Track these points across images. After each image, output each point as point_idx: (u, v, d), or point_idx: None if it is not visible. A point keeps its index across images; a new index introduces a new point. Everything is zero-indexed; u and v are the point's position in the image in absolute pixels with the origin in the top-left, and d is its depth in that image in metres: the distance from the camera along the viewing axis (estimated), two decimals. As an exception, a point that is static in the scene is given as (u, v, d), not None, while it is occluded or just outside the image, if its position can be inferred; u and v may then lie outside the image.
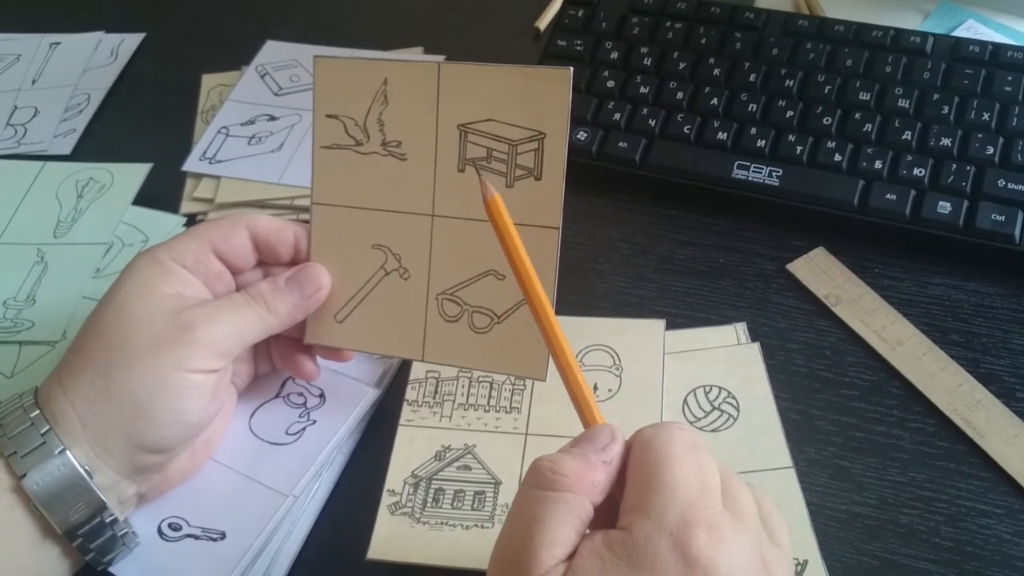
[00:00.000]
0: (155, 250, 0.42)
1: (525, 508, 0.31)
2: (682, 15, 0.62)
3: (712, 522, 0.29)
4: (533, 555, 0.29)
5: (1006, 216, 0.50)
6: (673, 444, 0.31)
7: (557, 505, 0.30)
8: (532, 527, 0.30)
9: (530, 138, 0.41)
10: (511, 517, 0.32)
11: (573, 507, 0.30)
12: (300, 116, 0.64)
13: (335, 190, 0.45)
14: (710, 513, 0.30)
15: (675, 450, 0.31)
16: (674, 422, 0.33)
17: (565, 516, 0.30)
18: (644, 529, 0.29)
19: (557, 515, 0.30)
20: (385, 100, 0.44)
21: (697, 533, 0.29)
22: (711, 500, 0.30)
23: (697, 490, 0.30)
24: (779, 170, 0.54)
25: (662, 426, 0.33)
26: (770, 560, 0.30)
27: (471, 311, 0.43)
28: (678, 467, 0.31)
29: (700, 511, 0.29)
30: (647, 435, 0.32)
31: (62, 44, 0.74)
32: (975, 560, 0.41)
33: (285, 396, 0.48)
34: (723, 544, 0.29)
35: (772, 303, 0.51)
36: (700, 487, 0.30)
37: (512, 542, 0.31)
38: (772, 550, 0.31)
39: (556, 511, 0.30)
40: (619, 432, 0.33)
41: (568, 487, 0.31)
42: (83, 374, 0.39)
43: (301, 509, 0.44)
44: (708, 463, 0.32)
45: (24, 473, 0.37)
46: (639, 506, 0.30)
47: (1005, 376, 0.47)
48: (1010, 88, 0.54)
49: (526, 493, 0.32)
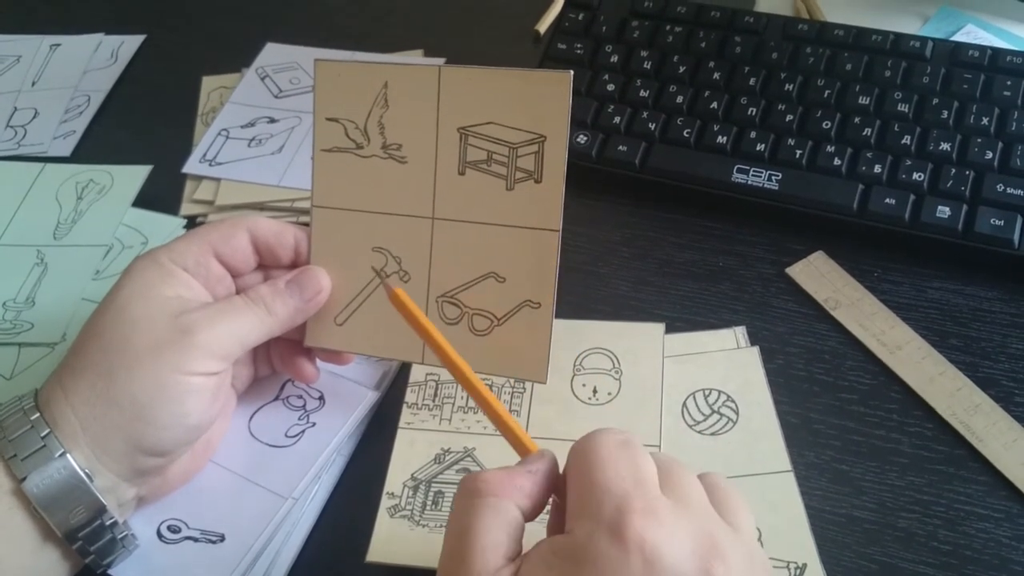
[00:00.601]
0: (155, 252, 0.42)
1: (454, 521, 0.32)
2: (682, 19, 0.62)
3: (648, 508, 0.30)
4: (465, 562, 0.31)
5: (1005, 221, 0.50)
6: (601, 447, 0.32)
7: (482, 510, 0.32)
8: (463, 537, 0.31)
9: (530, 141, 0.41)
10: (446, 531, 0.33)
11: (498, 510, 0.32)
12: (300, 118, 0.64)
13: (335, 193, 0.45)
14: (646, 500, 0.30)
15: (604, 452, 0.32)
16: (604, 428, 0.34)
17: (492, 520, 0.31)
18: (584, 528, 0.30)
19: (484, 520, 0.31)
20: (386, 103, 0.44)
21: (632, 520, 0.29)
22: (646, 489, 0.31)
23: (631, 483, 0.31)
24: (779, 174, 0.54)
25: (591, 434, 0.34)
26: (722, 543, 0.30)
27: (471, 314, 0.43)
28: (609, 466, 0.31)
29: (635, 500, 0.30)
30: (578, 446, 0.33)
31: (62, 46, 0.74)
32: (973, 564, 0.41)
33: (284, 399, 0.48)
34: (662, 527, 0.29)
35: (771, 307, 0.51)
36: (633, 480, 0.31)
37: (449, 553, 0.32)
38: (726, 533, 0.31)
39: (483, 516, 0.31)
40: (550, 452, 0.35)
41: (490, 491, 0.32)
42: (83, 376, 0.39)
43: (300, 511, 0.44)
44: (640, 457, 0.32)
45: (24, 476, 0.37)
46: (578, 510, 0.31)
47: (1004, 380, 0.47)
48: (1009, 93, 0.55)
49: (455, 506, 0.33)
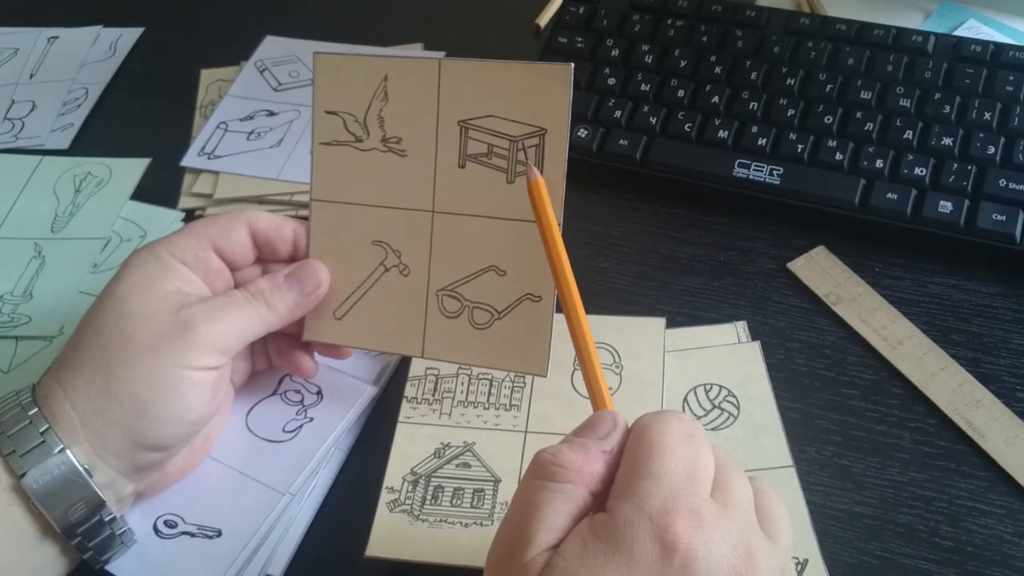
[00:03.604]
0: (154, 246, 0.42)
1: (525, 497, 0.32)
2: (683, 13, 0.62)
3: (694, 509, 0.30)
4: (528, 538, 0.31)
5: (1007, 216, 0.50)
6: (667, 432, 0.32)
7: (555, 495, 0.31)
8: (530, 514, 0.31)
9: (531, 134, 0.41)
10: (512, 506, 0.33)
11: (571, 497, 0.31)
12: (299, 112, 0.64)
13: (334, 187, 0.45)
14: (693, 501, 0.30)
15: (668, 439, 0.32)
16: (675, 411, 0.34)
17: (563, 505, 0.31)
18: (625, 513, 0.30)
19: (555, 504, 0.31)
20: (385, 96, 0.43)
21: (676, 519, 0.29)
22: (697, 489, 0.31)
23: (683, 479, 0.31)
24: (780, 169, 0.54)
25: (661, 414, 0.33)
26: (757, 552, 0.30)
27: (471, 307, 0.43)
28: (668, 455, 0.31)
29: (683, 499, 0.30)
30: (645, 422, 0.33)
31: (60, 38, 0.73)
32: (975, 560, 0.41)
33: (282, 393, 0.48)
34: (702, 531, 0.29)
35: (773, 302, 0.51)
36: (687, 476, 0.31)
37: (510, 527, 0.32)
38: (762, 542, 0.31)
39: (554, 500, 0.31)
40: (622, 419, 0.34)
41: (568, 478, 0.32)
42: (82, 371, 0.38)
43: (298, 506, 0.44)
44: (702, 454, 0.32)
45: (24, 472, 0.37)
46: (625, 490, 0.31)
47: (1005, 376, 0.47)
48: (1011, 88, 0.54)
49: (527, 483, 0.33)
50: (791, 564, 0.32)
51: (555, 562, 0.30)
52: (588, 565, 0.29)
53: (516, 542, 0.31)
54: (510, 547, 0.31)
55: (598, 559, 0.29)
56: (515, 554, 0.31)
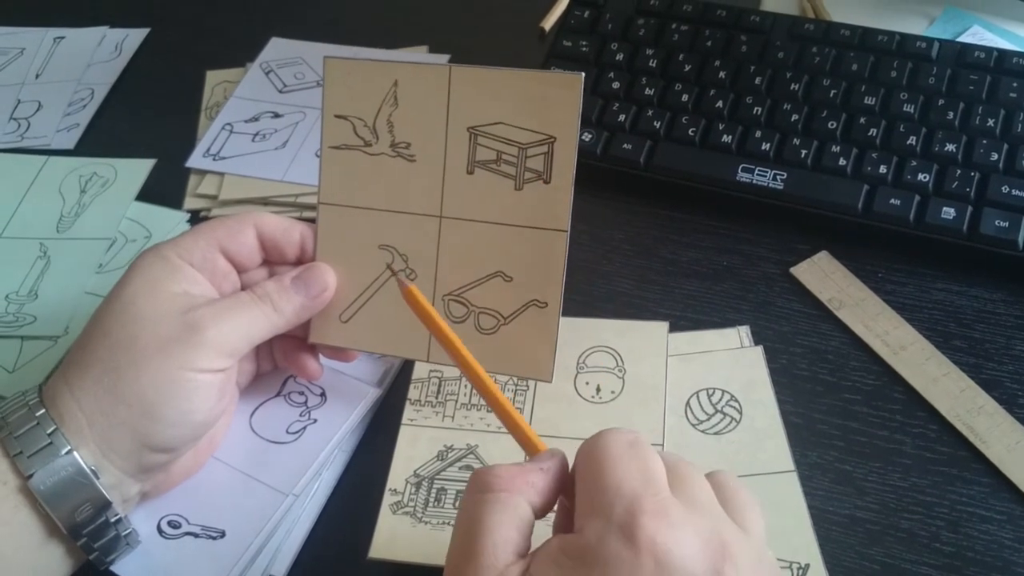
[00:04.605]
0: (161, 247, 0.42)
1: (464, 516, 0.32)
2: (688, 17, 0.62)
3: (659, 509, 0.30)
4: (474, 554, 0.31)
5: (1010, 222, 0.50)
6: (611, 446, 0.32)
7: (493, 506, 0.31)
8: (472, 530, 0.31)
9: (540, 142, 0.41)
10: (455, 527, 0.33)
11: (508, 505, 0.32)
12: (304, 113, 0.64)
13: (342, 190, 0.45)
14: (656, 500, 0.30)
15: (613, 451, 0.32)
16: (612, 428, 0.34)
17: (502, 515, 0.31)
18: (594, 528, 0.30)
19: (494, 515, 0.31)
20: (395, 102, 0.44)
21: (643, 521, 0.29)
22: (656, 489, 0.31)
23: (640, 483, 0.31)
24: (783, 173, 0.54)
25: (599, 433, 0.33)
26: (731, 543, 0.30)
27: (478, 312, 0.43)
28: (619, 466, 0.31)
29: (646, 500, 0.30)
30: (586, 445, 0.33)
31: (66, 38, 0.74)
32: (976, 566, 0.41)
33: (286, 395, 0.48)
34: (672, 529, 0.29)
35: (775, 306, 0.51)
36: (643, 480, 0.31)
37: (455, 547, 0.32)
38: (734, 533, 0.31)
39: (493, 512, 0.31)
40: (560, 451, 0.35)
41: (502, 487, 0.32)
42: (90, 372, 0.39)
43: (301, 508, 0.44)
44: (649, 457, 0.32)
45: (31, 473, 0.37)
46: (588, 510, 0.31)
47: (1007, 382, 0.47)
48: (1015, 94, 0.54)
49: (465, 501, 0.33)
50: (767, 551, 0.32)
51: None
52: None
53: (462, 562, 0.31)
54: (457, 568, 0.31)
55: None
56: (463, 573, 0.31)
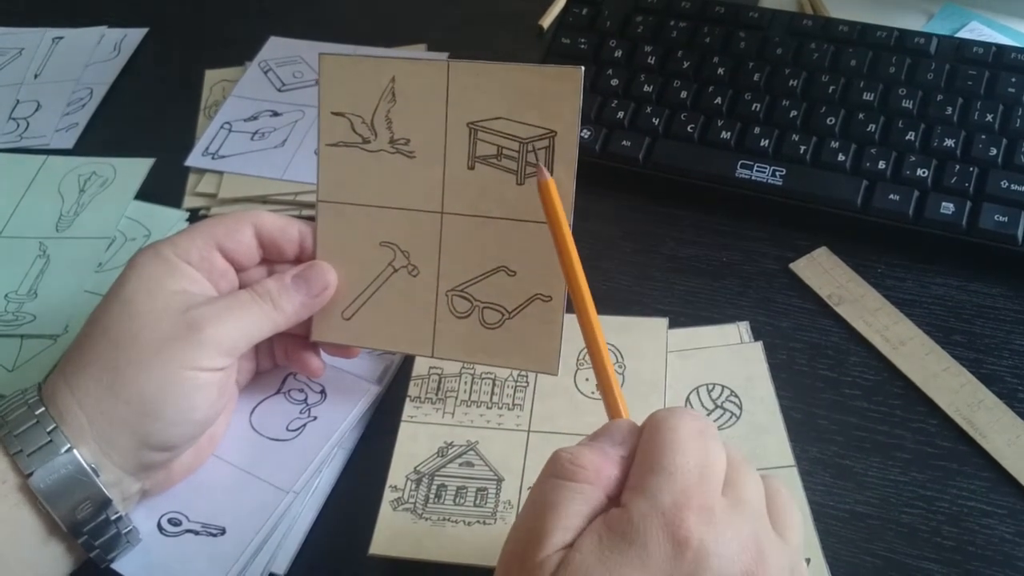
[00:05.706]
0: (159, 246, 0.42)
1: (542, 495, 0.32)
2: (686, 14, 0.62)
3: (705, 506, 0.30)
4: (543, 536, 0.31)
5: (1009, 217, 0.50)
6: (679, 429, 0.32)
7: (573, 495, 0.31)
8: (547, 512, 0.31)
9: (541, 136, 0.41)
10: (528, 503, 0.33)
11: (588, 498, 0.31)
12: (303, 112, 0.64)
13: (341, 188, 0.45)
14: (705, 498, 0.30)
15: (680, 435, 0.32)
16: (688, 409, 0.33)
17: (580, 506, 0.31)
18: (639, 508, 0.30)
19: (573, 504, 0.31)
20: (393, 98, 0.43)
21: (687, 515, 0.29)
22: (709, 487, 0.31)
23: (696, 476, 0.31)
24: (783, 170, 0.54)
25: (674, 410, 0.33)
26: (767, 549, 0.30)
27: (481, 307, 0.43)
28: (680, 452, 0.31)
29: (695, 496, 0.30)
30: (659, 417, 0.33)
31: (65, 38, 0.74)
32: (977, 560, 0.41)
33: (286, 392, 0.48)
34: (713, 527, 0.29)
35: (775, 302, 0.51)
36: (699, 473, 0.31)
37: (526, 525, 0.32)
38: (772, 540, 0.31)
39: (572, 500, 0.31)
40: (637, 427, 0.34)
41: (586, 479, 0.32)
42: (89, 371, 0.39)
43: (302, 505, 0.44)
44: (714, 451, 0.32)
45: (30, 471, 0.37)
46: (638, 485, 0.31)
47: (1007, 377, 0.47)
48: (1014, 89, 0.54)
49: (544, 481, 0.32)
50: (802, 563, 0.32)
51: (570, 557, 0.30)
52: (603, 560, 0.29)
53: (531, 540, 0.31)
54: (525, 544, 0.31)
55: (612, 554, 0.29)
56: (529, 552, 0.31)
